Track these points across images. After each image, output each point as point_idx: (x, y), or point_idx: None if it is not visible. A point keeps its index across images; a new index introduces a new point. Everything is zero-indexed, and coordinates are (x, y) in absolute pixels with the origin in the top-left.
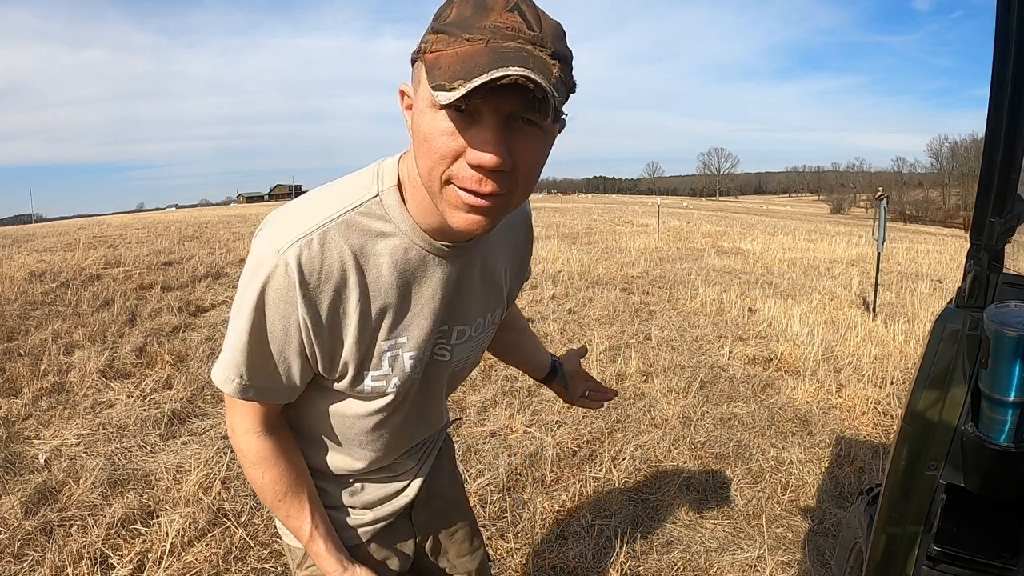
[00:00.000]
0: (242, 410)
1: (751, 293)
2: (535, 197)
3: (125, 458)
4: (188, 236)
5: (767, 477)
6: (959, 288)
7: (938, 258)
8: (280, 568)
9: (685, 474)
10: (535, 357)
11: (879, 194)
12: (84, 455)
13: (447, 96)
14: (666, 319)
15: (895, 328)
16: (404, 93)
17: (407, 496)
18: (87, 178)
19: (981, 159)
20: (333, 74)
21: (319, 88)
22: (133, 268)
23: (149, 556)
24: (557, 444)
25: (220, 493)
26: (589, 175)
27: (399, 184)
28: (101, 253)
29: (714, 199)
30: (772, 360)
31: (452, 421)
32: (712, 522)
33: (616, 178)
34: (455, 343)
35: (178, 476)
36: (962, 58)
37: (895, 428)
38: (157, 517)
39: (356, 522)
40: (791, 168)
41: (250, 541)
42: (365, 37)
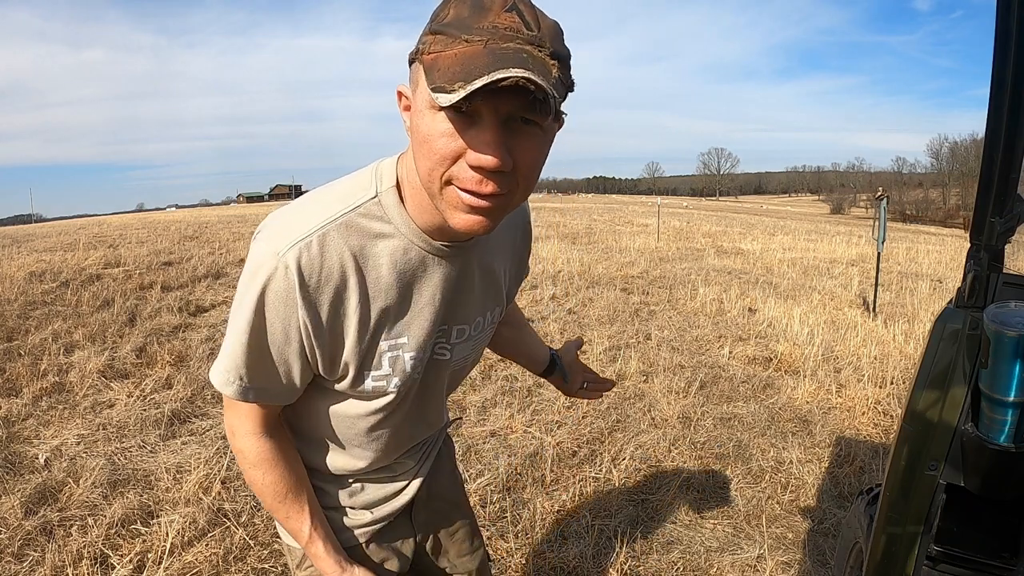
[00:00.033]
0: (242, 412)
1: (751, 293)
2: (535, 197)
3: (125, 458)
4: (188, 236)
5: (767, 477)
6: (959, 288)
7: (938, 258)
8: (280, 568)
9: (685, 474)
10: (534, 351)
11: (879, 194)
12: (84, 455)
13: (447, 98)
14: (666, 319)
15: (895, 328)
16: (402, 94)
17: (407, 496)
18: (87, 178)
19: (981, 159)
20: (333, 74)
21: (319, 88)
22: (133, 268)
23: (149, 556)
24: (557, 444)
25: (220, 493)
26: (589, 175)
27: (398, 185)
28: (101, 253)
29: (714, 199)
30: (772, 360)
31: (452, 421)
32: (712, 522)
33: (616, 178)
34: (455, 342)
35: (178, 476)
36: (962, 58)
37: (895, 428)
38: (157, 517)
39: (356, 522)
40: (791, 168)
41: (250, 541)
42: (365, 37)
